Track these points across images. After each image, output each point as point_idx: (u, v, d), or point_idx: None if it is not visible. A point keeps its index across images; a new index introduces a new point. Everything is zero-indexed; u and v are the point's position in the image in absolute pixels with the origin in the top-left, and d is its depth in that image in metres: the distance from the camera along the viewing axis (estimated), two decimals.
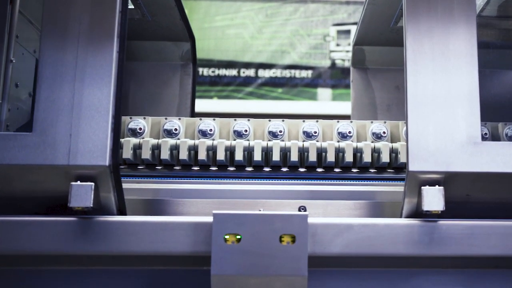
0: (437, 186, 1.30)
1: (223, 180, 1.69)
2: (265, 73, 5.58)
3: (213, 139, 1.73)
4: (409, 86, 1.33)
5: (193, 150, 1.71)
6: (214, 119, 1.77)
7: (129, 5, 1.97)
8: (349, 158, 1.71)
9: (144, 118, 1.77)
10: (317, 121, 1.78)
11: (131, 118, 1.77)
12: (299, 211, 1.57)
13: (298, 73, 5.59)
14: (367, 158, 1.72)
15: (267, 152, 1.73)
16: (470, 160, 1.30)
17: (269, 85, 5.59)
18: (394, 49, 2.23)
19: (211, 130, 1.75)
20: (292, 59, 5.60)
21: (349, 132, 1.77)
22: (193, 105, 2.30)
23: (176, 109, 2.25)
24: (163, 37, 2.26)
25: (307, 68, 5.59)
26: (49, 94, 1.30)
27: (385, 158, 1.72)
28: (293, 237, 1.24)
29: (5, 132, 1.62)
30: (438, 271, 1.37)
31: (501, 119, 1.84)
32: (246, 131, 1.75)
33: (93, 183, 1.27)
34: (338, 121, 1.79)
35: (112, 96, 1.30)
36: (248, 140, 1.73)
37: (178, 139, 1.72)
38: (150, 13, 2.08)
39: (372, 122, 1.79)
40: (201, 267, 1.32)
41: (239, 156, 1.70)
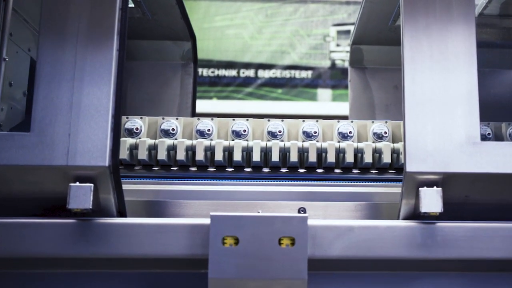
0: (435, 187, 1.29)
1: (221, 181, 1.68)
2: (264, 74, 5.60)
3: (211, 139, 1.71)
4: (407, 85, 1.32)
5: (191, 151, 1.70)
6: (212, 118, 1.75)
7: (129, 3, 1.95)
8: (349, 158, 1.70)
9: (141, 118, 1.75)
10: (317, 121, 1.77)
11: (127, 118, 1.75)
12: (299, 212, 1.55)
13: (298, 74, 5.60)
14: (368, 158, 1.70)
15: (266, 153, 1.71)
16: (469, 160, 1.29)
17: (269, 86, 5.61)
18: (393, 48, 2.21)
19: (209, 130, 1.73)
20: (292, 60, 5.62)
21: (350, 132, 1.75)
22: (194, 105, 2.29)
23: (176, 109, 2.24)
24: (163, 36, 2.25)
25: (307, 68, 5.61)
26: (47, 93, 1.29)
27: (386, 158, 1.70)
28: (293, 239, 1.23)
29: (2, 132, 1.60)
30: (440, 274, 1.36)
31: (505, 119, 1.83)
32: (245, 131, 1.74)
33: (92, 184, 1.26)
34: (338, 121, 1.77)
35: (112, 95, 1.29)
36: (247, 140, 1.71)
37: (176, 139, 1.71)
38: (151, 11, 2.07)
39: (373, 122, 1.78)
40: (198, 270, 1.30)
41: (237, 157, 1.68)
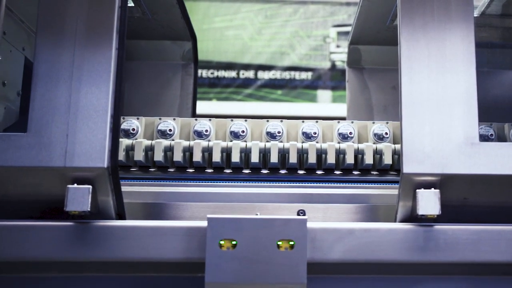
0: (432, 189, 1.27)
1: (219, 183, 1.67)
2: (264, 75, 5.60)
3: (209, 140, 1.70)
4: (404, 85, 1.31)
5: (188, 152, 1.68)
6: (210, 119, 1.74)
7: (129, 2, 1.94)
8: (350, 160, 1.68)
9: (138, 118, 1.74)
10: (316, 121, 1.75)
11: (123, 118, 1.74)
12: (298, 215, 1.54)
13: (297, 75, 5.60)
14: (368, 160, 1.68)
15: (264, 154, 1.70)
16: (467, 161, 1.28)
17: (269, 87, 5.60)
18: (391, 49, 2.19)
19: (207, 131, 1.72)
20: (292, 61, 5.62)
21: (350, 133, 1.74)
22: (195, 106, 2.28)
23: (177, 110, 2.23)
24: (163, 36, 2.24)
25: (307, 69, 5.61)
26: (44, 92, 1.27)
27: (387, 160, 1.68)
28: (292, 242, 1.22)
29: None
30: (442, 278, 1.34)
31: (508, 120, 1.81)
32: (243, 132, 1.72)
33: (90, 186, 1.24)
34: (338, 122, 1.76)
35: (111, 95, 1.27)
36: (245, 141, 1.70)
37: (173, 140, 1.70)
38: (151, 11, 2.05)
39: (373, 123, 1.76)
40: (195, 274, 1.29)
41: (235, 158, 1.66)
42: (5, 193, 1.29)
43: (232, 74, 5.59)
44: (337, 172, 1.72)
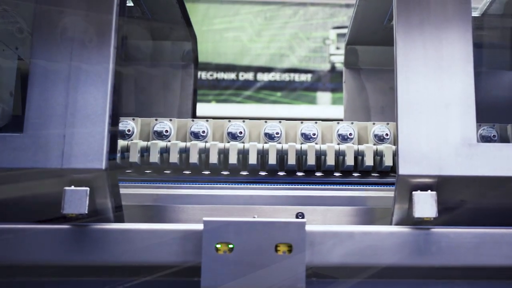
0: (429, 191, 1.25)
1: (215, 185, 1.66)
2: (264, 77, 5.62)
3: (206, 141, 1.69)
4: (400, 84, 1.29)
5: (185, 153, 1.67)
6: (207, 120, 1.74)
7: (128, 2, 1.93)
8: (350, 161, 1.67)
9: (133, 119, 1.74)
10: (316, 122, 1.75)
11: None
12: (297, 218, 1.53)
13: (297, 77, 5.63)
14: (369, 161, 1.67)
15: (263, 155, 1.69)
16: (464, 163, 1.26)
17: (268, 89, 5.62)
18: (389, 49, 2.17)
19: (204, 132, 1.72)
20: (291, 63, 5.65)
21: (350, 134, 1.73)
22: (195, 107, 2.27)
23: (177, 111, 2.21)
24: (163, 36, 2.21)
25: (306, 71, 5.64)
26: (41, 92, 1.26)
27: (388, 161, 1.67)
28: (290, 246, 1.20)
29: None
30: (445, 282, 1.32)
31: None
32: (241, 133, 1.72)
33: (88, 188, 1.22)
34: (338, 123, 1.75)
35: (109, 95, 1.26)
36: (243, 143, 1.69)
37: (169, 141, 1.69)
38: (150, 11, 2.04)
39: (374, 124, 1.76)
40: (190, 278, 1.26)
41: (233, 159, 1.65)
42: (0, 195, 1.27)
43: (231, 76, 5.62)
44: (336, 174, 1.72)
